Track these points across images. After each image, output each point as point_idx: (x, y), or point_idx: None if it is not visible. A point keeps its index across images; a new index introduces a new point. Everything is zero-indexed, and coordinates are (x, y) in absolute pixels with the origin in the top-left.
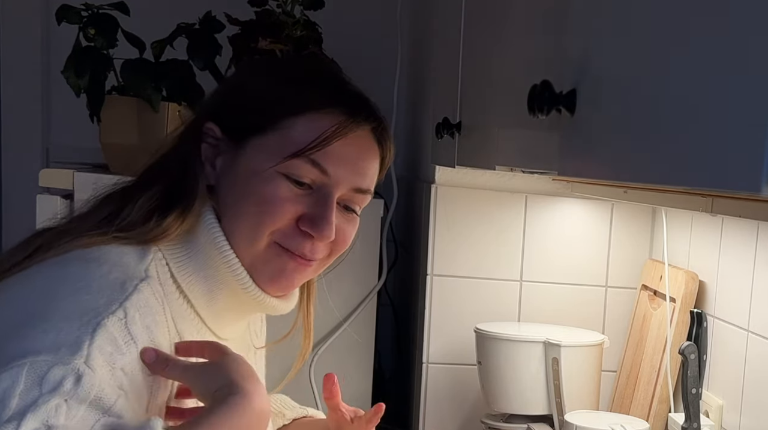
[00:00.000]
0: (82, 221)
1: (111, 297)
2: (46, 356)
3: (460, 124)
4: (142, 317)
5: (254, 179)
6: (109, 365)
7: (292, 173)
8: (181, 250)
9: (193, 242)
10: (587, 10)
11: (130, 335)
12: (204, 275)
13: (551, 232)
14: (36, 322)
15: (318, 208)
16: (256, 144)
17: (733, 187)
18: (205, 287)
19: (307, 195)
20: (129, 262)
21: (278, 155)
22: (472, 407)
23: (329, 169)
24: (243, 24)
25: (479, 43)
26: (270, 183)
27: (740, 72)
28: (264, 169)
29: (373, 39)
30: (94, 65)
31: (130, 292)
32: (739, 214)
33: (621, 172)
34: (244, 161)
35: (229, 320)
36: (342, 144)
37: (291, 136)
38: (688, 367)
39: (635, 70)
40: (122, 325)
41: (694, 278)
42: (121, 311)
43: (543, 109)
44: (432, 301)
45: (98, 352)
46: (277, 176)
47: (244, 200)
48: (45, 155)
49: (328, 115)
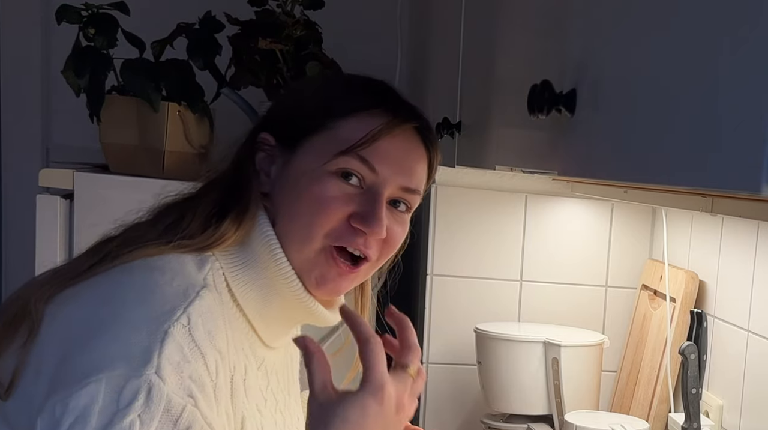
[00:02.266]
0: (146, 230)
1: (175, 303)
2: (120, 370)
3: (460, 124)
4: (204, 322)
5: (305, 179)
6: (177, 374)
7: (342, 170)
8: (236, 258)
9: (248, 250)
10: (587, 10)
11: (194, 341)
12: (259, 285)
13: (551, 232)
14: (105, 331)
15: (368, 205)
16: (307, 146)
17: (733, 187)
18: (259, 296)
19: (357, 194)
20: (190, 271)
21: (327, 154)
22: (472, 407)
23: (377, 167)
24: (243, 24)
25: (479, 43)
26: (320, 182)
27: (740, 72)
28: (313, 169)
29: (373, 39)
30: (94, 65)
31: (192, 298)
32: (739, 214)
33: (621, 172)
34: (295, 164)
35: (277, 329)
36: (389, 142)
37: (340, 135)
38: (688, 367)
39: (635, 70)
40: (186, 331)
41: (694, 278)
42: (185, 318)
43: (543, 109)
44: (432, 301)
45: (167, 362)
46: (326, 175)
47: (297, 202)
48: (45, 155)
49: (374, 114)
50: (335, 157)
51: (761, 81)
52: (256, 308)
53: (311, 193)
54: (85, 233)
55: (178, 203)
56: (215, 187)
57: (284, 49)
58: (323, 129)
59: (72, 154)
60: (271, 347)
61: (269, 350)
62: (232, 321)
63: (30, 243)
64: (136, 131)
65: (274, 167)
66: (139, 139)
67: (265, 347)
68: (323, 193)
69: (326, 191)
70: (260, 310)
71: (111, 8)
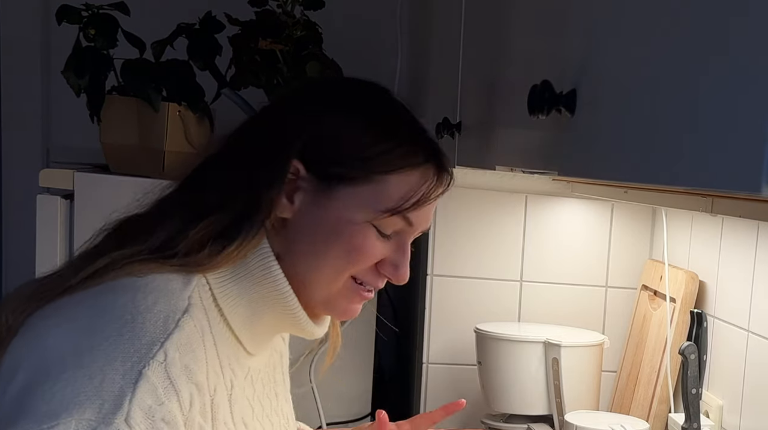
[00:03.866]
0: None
1: (153, 336)
2: (90, 414)
3: (460, 124)
4: (182, 356)
5: (346, 228)
6: (149, 420)
7: (383, 226)
8: (225, 274)
9: (241, 266)
10: (587, 10)
11: (169, 379)
12: (248, 299)
13: (551, 232)
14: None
15: (398, 255)
16: (349, 193)
17: (733, 187)
18: (248, 311)
19: (388, 240)
20: (174, 289)
21: (373, 209)
22: (472, 407)
23: (414, 221)
24: (243, 24)
25: (479, 43)
26: (361, 233)
27: (740, 72)
28: (357, 221)
29: (373, 39)
30: (94, 65)
31: (171, 330)
32: (739, 214)
33: (621, 173)
34: (334, 208)
35: (263, 340)
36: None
37: (387, 192)
38: (688, 367)
39: (635, 70)
40: (162, 369)
41: (694, 278)
42: (161, 354)
43: (543, 109)
44: (432, 301)
45: (138, 408)
46: (367, 227)
47: (330, 245)
48: (45, 155)
49: (421, 172)
50: (382, 215)
51: (761, 81)
52: (244, 322)
53: (351, 244)
54: (85, 233)
55: (181, 213)
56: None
57: (284, 50)
58: (368, 181)
59: (72, 154)
60: (254, 356)
61: (253, 358)
62: (219, 338)
63: (30, 243)
64: (136, 131)
65: (299, 196)
66: (139, 139)
67: (250, 356)
68: (363, 244)
69: (366, 243)
70: (248, 323)
71: (111, 8)
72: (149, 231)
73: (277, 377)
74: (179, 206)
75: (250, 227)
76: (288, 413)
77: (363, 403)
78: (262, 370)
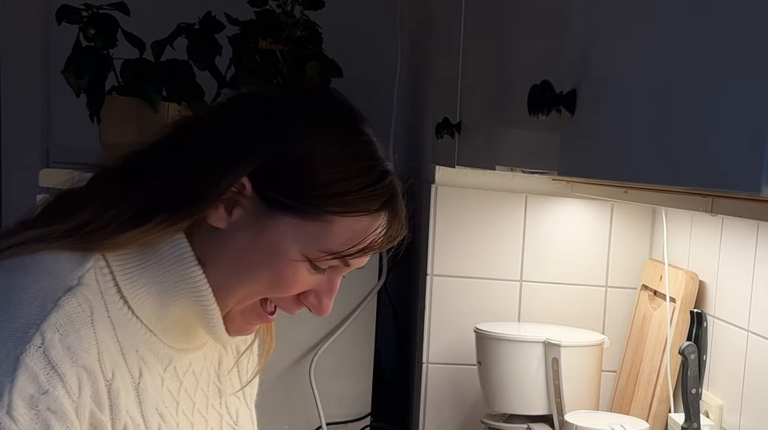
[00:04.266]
0: (66, 219)
1: (29, 318)
2: None
3: (460, 124)
4: (62, 337)
5: (278, 259)
6: (32, 410)
7: (318, 262)
8: (131, 260)
9: (149, 253)
10: (587, 10)
11: (50, 364)
12: (156, 289)
13: (551, 232)
14: None
15: (326, 289)
16: (292, 224)
17: (733, 187)
18: (156, 300)
19: (319, 274)
20: (61, 269)
21: (313, 247)
22: (472, 407)
23: (352, 263)
24: (243, 24)
25: (479, 43)
26: (292, 267)
27: (740, 72)
28: (291, 254)
29: (373, 39)
30: (94, 65)
31: (50, 310)
32: (739, 214)
33: (621, 173)
34: (272, 234)
35: (180, 331)
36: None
37: (332, 233)
38: (688, 367)
39: (635, 70)
40: (41, 354)
41: (694, 278)
42: (38, 337)
43: (543, 109)
44: (432, 301)
45: (19, 398)
46: (300, 259)
47: (256, 270)
48: (45, 155)
49: (372, 218)
50: (321, 255)
51: (761, 80)
52: (153, 311)
53: (279, 276)
54: None
55: (108, 196)
56: (157, 194)
57: (284, 50)
58: (316, 219)
59: (72, 154)
60: (181, 349)
61: (180, 351)
62: (120, 323)
63: None
64: (136, 131)
65: (238, 212)
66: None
67: (173, 349)
68: (293, 278)
69: (296, 277)
70: (158, 313)
71: (111, 8)
72: (72, 211)
73: (222, 373)
74: (109, 188)
75: (167, 218)
76: (238, 413)
77: (363, 403)
78: (195, 364)
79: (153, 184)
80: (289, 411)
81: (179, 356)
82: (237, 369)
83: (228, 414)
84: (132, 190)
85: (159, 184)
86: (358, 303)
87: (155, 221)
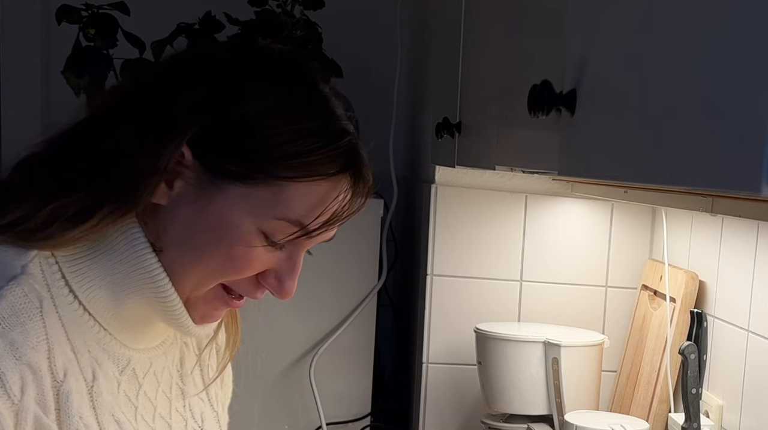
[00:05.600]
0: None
1: None
2: None
3: (460, 124)
4: (4, 330)
5: (228, 233)
6: None
7: (273, 232)
8: (79, 249)
9: (99, 241)
10: (587, 10)
11: None
12: (108, 282)
13: (551, 232)
14: None
15: (286, 267)
16: (240, 193)
17: (733, 187)
18: (110, 294)
19: (277, 250)
20: (2, 258)
21: (268, 217)
22: (472, 407)
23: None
24: (243, 24)
25: (479, 42)
26: (244, 241)
27: (740, 72)
28: (243, 227)
29: (373, 39)
30: (94, 65)
31: None
32: (739, 214)
33: (621, 172)
34: (219, 206)
35: (138, 330)
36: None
37: (286, 201)
38: (688, 367)
39: (635, 70)
40: None
41: (694, 278)
42: None
43: (543, 109)
44: (432, 301)
45: None
46: (254, 234)
47: (205, 247)
48: None
49: (332, 183)
50: (280, 229)
51: (762, 80)
52: (106, 307)
53: (231, 252)
54: None
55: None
56: (94, 181)
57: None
58: (266, 185)
59: None
60: (139, 349)
61: (138, 352)
62: (70, 320)
63: None
64: None
65: (179, 184)
66: None
67: (130, 349)
68: (245, 257)
69: (250, 257)
70: (112, 309)
71: (111, 8)
72: (1, 204)
73: (185, 373)
74: (40, 178)
75: (113, 211)
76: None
77: (363, 403)
78: (156, 364)
79: (88, 171)
80: (289, 411)
81: (138, 356)
82: (200, 368)
83: (192, 418)
84: (67, 180)
85: (95, 170)
86: (358, 303)
87: (99, 215)
